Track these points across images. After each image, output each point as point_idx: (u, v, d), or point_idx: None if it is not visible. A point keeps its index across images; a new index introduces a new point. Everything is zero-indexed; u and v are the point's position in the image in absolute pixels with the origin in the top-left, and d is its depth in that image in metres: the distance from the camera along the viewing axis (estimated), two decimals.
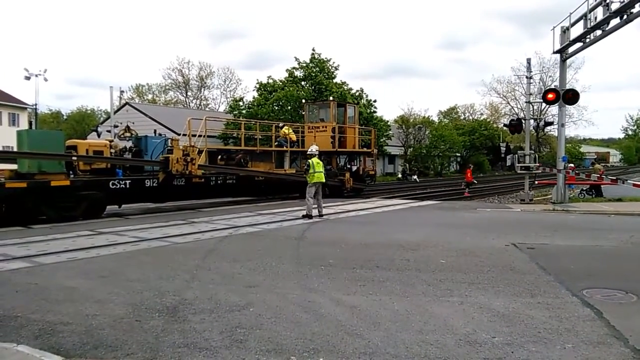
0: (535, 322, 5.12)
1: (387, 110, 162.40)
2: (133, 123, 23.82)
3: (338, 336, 4.76)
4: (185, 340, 4.64)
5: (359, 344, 4.56)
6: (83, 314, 5.36)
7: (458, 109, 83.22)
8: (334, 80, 40.91)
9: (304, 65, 40.32)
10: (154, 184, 16.01)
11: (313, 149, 15.37)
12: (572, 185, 23.10)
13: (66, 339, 4.66)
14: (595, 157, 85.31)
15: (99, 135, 24.17)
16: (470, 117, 79.46)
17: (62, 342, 4.61)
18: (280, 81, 40.35)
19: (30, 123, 39.77)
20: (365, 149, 26.15)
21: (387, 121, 48.94)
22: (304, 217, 13.83)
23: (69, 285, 6.58)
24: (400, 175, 50.53)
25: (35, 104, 43.89)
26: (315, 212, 14.13)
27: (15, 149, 17.35)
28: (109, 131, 28.85)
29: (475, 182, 32.04)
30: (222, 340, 4.66)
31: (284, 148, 22.04)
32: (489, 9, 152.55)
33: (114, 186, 14.91)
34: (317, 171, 14.37)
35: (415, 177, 47.11)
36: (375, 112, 43.45)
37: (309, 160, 14.62)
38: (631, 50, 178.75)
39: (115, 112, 37.95)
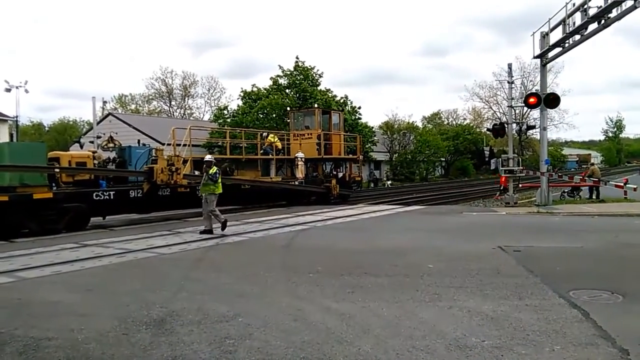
0: (524, 325, 5.15)
1: (372, 117, 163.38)
2: (116, 133, 23.55)
3: (328, 344, 4.74)
4: (174, 353, 4.57)
5: (349, 352, 4.54)
6: (68, 328, 5.26)
7: (441, 114, 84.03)
8: (319, 88, 41.00)
9: (288, 73, 40.37)
10: (139, 195, 15.83)
11: (208, 157, 13.90)
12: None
13: (52, 355, 4.57)
14: (578, 159, 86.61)
15: (81, 147, 23.83)
16: (454, 122, 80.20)
17: (48, 357, 4.52)
18: (265, 89, 40.32)
19: (11, 135, 39.15)
20: (350, 156, 26.23)
21: (372, 127, 49.12)
22: (204, 232, 12.54)
23: (54, 300, 6.46)
24: (368, 180, 45.48)
25: (17, 116, 43.20)
26: (213, 224, 12.82)
27: None
28: (92, 142, 28.50)
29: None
30: (211, 351, 4.61)
31: (270, 156, 22.00)
32: (468, 16, 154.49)
33: (98, 197, 14.72)
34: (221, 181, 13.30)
35: (389, 182, 46.54)
36: (360, 118, 43.63)
37: (218, 169, 13.42)
38: (609, 54, 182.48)
39: (98, 122, 37.54)
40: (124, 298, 6.46)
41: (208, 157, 13.49)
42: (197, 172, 18.30)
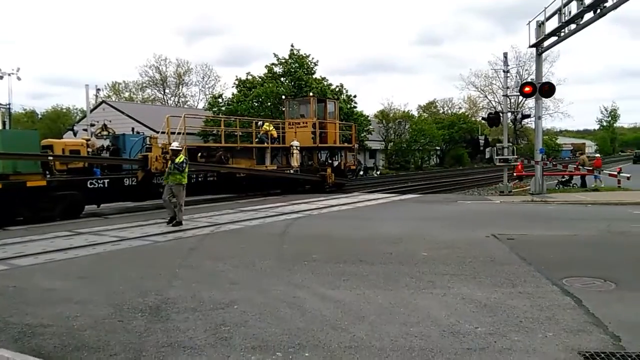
0: (517, 312, 5.20)
1: (367, 106, 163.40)
2: (110, 121, 23.44)
3: (323, 331, 4.76)
4: (169, 340, 4.59)
5: (344, 338, 4.57)
6: (63, 315, 5.27)
7: (437, 103, 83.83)
8: (314, 76, 40.79)
9: (283, 61, 40.13)
10: (133, 183, 15.78)
11: (175, 144, 13.01)
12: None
13: (47, 341, 4.58)
14: (572, 148, 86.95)
15: (75, 134, 23.71)
16: (449, 111, 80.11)
17: (43, 344, 4.52)
18: (260, 77, 40.08)
19: (4, 123, 38.78)
20: (346, 144, 26.17)
21: (368, 116, 49.01)
22: (175, 224, 11.87)
23: (48, 287, 6.45)
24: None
25: (9, 104, 42.82)
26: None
27: None
28: (85, 130, 28.32)
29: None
30: (206, 338, 4.63)
31: (265, 144, 21.94)
32: (464, 4, 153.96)
33: (92, 185, 14.66)
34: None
35: (376, 172, 45.66)
36: (355, 107, 43.48)
37: (185, 158, 12.77)
38: (604, 43, 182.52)
39: (92, 110, 37.29)
40: (119, 285, 6.46)
41: (175, 145, 12.80)
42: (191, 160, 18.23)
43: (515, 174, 24.32)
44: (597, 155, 31.37)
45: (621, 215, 13.06)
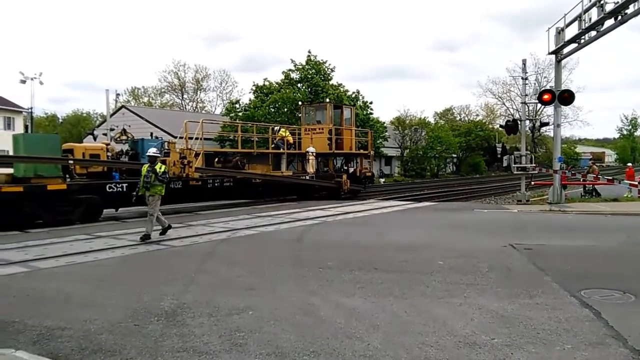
0: (534, 323, 5.13)
1: (383, 112, 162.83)
2: (129, 126, 23.72)
3: (338, 339, 4.75)
4: (185, 345, 4.63)
5: (358, 347, 4.55)
6: (81, 318, 5.34)
7: (454, 110, 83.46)
8: (330, 82, 40.90)
9: (300, 67, 40.32)
10: None
11: (152, 150, 11.63)
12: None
13: (64, 344, 4.64)
14: (591, 157, 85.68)
15: (95, 139, 24.06)
16: (466, 118, 79.66)
17: (61, 347, 4.59)
18: (277, 83, 40.32)
19: (26, 127, 39.57)
20: (362, 151, 26.16)
21: (384, 122, 48.94)
22: (143, 237, 10.52)
23: (67, 290, 6.55)
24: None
25: (31, 108, 43.72)
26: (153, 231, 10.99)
27: (10, 153, 17.29)
28: (105, 134, 28.74)
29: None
30: (221, 344, 4.65)
31: (281, 150, 22.03)
32: (480, 11, 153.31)
33: (111, 189, 14.86)
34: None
35: (382, 179, 43.97)
36: (371, 113, 43.48)
37: (164, 165, 11.31)
38: (624, 51, 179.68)
39: (112, 115, 37.80)
40: (136, 289, 6.53)
41: (152, 152, 11.39)
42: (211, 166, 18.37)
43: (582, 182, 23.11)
44: (630, 164, 30.58)
45: None
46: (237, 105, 42.54)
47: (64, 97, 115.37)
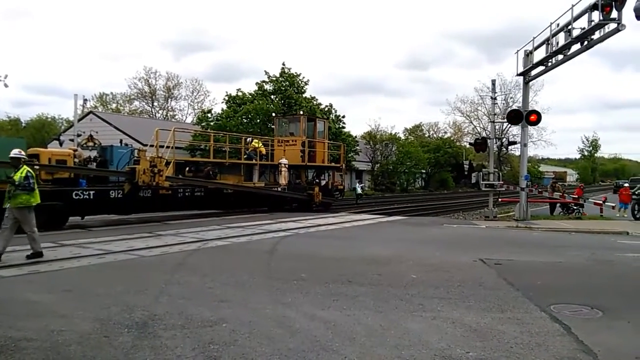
0: (507, 337, 5.21)
1: (355, 126, 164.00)
2: (97, 132, 23.21)
3: (314, 351, 4.71)
4: (157, 357, 4.50)
5: None
6: (48, 329, 5.14)
7: (423, 127, 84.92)
8: (304, 95, 41.07)
9: (274, 79, 40.37)
10: (119, 195, 15.62)
11: (15, 151, 9.61)
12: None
13: (30, 356, 4.46)
14: (554, 176, 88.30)
15: (61, 144, 23.45)
16: (435, 135, 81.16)
17: (27, 359, 4.40)
18: (250, 94, 40.22)
19: None
20: (334, 164, 26.29)
21: (355, 137, 49.35)
22: (33, 255, 9.06)
23: (32, 300, 6.31)
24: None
25: None
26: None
27: None
28: (72, 140, 28.02)
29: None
30: (195, 356, 4.55)
31: (254, 161, 21.92)
32: (450, 31, 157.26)
33: (77, 196, 14.47)
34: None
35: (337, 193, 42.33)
36: (343, 127, 43.82)
37: (29, 171, 9.32)
38: (587, 75, 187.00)
39: (79, 120, 36.89)
40: (105, 300, 6.34)
41: (14, 153, 9.48)
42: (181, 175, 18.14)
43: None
44: (626, 184, 31.42)
45: (605, 244, 13.24)
46: (210, 115, 42.18)
47: (28, 100, 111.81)
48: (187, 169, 19.88)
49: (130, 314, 5.75)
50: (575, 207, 22.17)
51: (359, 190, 37.16)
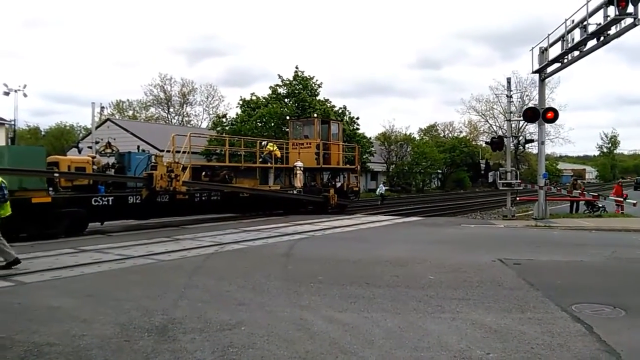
0: (528, 338, 5.14)
1: (369, 128, 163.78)
2: (114, 139, 23.53)
3: (332, 354, 4.71)
4: None
5: None
6: (70, 334, 5.22)
7: (438, 127, 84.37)
8: (317, 98, 41.14)
9: (288, 82, 40.52)
10: (137, 201, 15.80)
11: None
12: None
13: None
14: (572, 174, 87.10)
15: (79, 152, 23.79)
16: (450, 135, 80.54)
17: None
18: (264, 98, 40.43)
19: (11, 139, 38.96)
20: (348, 166, 26.26)
21: (370, 138, 49.25)
22: (9, 265, 8.67)
23: (54, 305, 6.41)
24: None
25: (14, 120, 43.12)
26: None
27: None
28: (90, 147, 28.45)
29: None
30: None
31: (269, 164, 22.01)
32: (461, 30, 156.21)
33: (97, 203, 14.67)
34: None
35: (352, 195, 40.24)
36: (358, 129, 43.79)
37: (4, 181, 9.25)
38: (603, 71, 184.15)
39: (96, 128, 37.47)
40: (125, 304, 6.41)
41: None
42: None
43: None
44: (620, 181, 30.67)
45: (626, 242, 13.01)
46: (224, 119, 42.49)
47: (47, 109, 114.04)
48: (204, 173, 20.03)
49: (150, 318, 5.81)
50: (600, 205, 21.80)
51: (382, 192, 37.08)
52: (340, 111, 42.03)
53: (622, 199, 21.22)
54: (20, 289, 7.34)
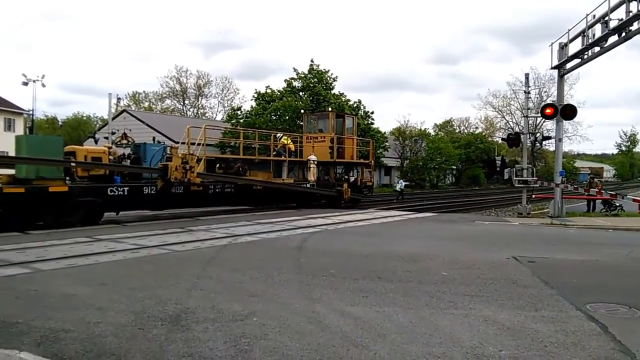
0: (541, 336, 5.09)
1: (383, 122, 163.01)
2: (130, 130, 23.72)
3: (344, 347, 4.72)
4: (190, 350, 4.58)
5: (365, 356, 4.52)
6: (85, 321, 5.29)
7: (453, 122, 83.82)
8: (332, 92, 41.04)
9: (303, 76, 40.46)
10: (152, 192, 15.94)
11: None
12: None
13: (69, 347, 4.60)
14: (590, 172, 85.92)
15: (96, 142, 24.04)
16: (466, 131, 79.92)
17: (65, 349, 4.54)
18: (279, 91, 40.44)
19: (29, 128, 39.56)
20: (362, 160, 26.18)
21: (384, 133, 49.04)
22: None
23: (69, 292, 6.50)
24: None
25: (32, 110, 43.77)
26: None
27: (11, 154, 17.27)
28: (106, 138, 28.73)
29: None
30: (226, 349, 4.61)
31: (283, 158, 22.04)
32: (479, 25, 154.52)
33: (112, 193, 14.83)
34: None
35: (365, 190, 39.42)
36: (372, 123, 43.64)
37: None
38: (623, 68, 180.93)
39: (113, 118, 37.84)
40: (139, 293, 6.48)
41: None
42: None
43: None
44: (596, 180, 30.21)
45: None
46: (239, 112, 42.61)
47: (64, 100, 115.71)
48: (218, 165, 20.15)
49: (164, 307, 5.87)
50: (617, 205, 21.43)
51: (402, 187, 36.82)
52: (355, 105, 41.91)
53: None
54: (36, 276, 7.46)
